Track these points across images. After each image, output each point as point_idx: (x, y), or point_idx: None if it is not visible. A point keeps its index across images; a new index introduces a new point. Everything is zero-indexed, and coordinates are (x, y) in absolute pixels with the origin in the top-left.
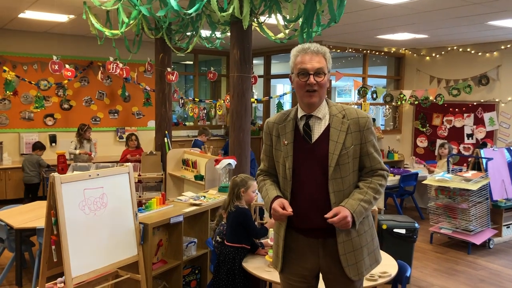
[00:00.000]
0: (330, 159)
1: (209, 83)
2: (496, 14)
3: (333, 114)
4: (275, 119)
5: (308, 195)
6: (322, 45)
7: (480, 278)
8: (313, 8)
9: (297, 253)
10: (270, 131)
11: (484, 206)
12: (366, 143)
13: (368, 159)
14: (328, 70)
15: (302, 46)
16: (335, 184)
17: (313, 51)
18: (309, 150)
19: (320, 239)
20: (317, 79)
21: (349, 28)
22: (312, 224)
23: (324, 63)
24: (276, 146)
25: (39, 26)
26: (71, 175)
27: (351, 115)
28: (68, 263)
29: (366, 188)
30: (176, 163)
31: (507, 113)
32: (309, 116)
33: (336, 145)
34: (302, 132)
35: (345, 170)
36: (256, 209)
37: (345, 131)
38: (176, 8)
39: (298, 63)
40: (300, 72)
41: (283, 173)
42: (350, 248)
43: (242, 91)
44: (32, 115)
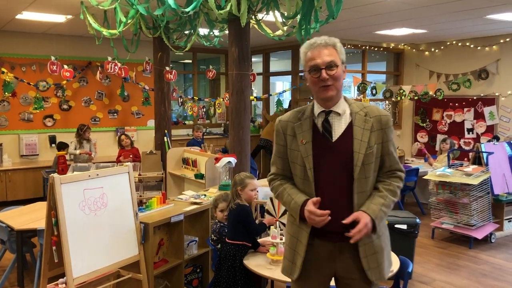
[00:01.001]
0: (356, 159)
1: (208, 81)
2: (495, 8)
3: (355, 112)
4: (288, 118)
5: (329, 196)
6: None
7: (482, 273)
8: (311, 4)
9: (313, 258)
10: (284, 130)
11: (485, 200)
12: (387, 142)
13: (388, 159)
14: (342, 61)
15: (309, 42)
16: (359, 185)
17: (321, 44)
18: (330, 149)
19: (337, 242)
20: (329, 73)
21: (347, 24)
22: (333, 227)
23: (335, 55)
24: (291, 146)
25: (37, 27)
26: (71, 176)
27: (373, 112)
28: (69, 263)
29: (386, 191)
30: (176, 162)
31: (507, 107)
32: (328, 112)
33: (361, 144)
34: (322, 129)
35: (369, 169)
36: (257, 207)
37: (369, 130)
38: (174, 7)
39: (308, 60)
40: (311, 68)
41: (302, 174)
42: (371, 251)
43: (241, 88)
44: (31, 116)
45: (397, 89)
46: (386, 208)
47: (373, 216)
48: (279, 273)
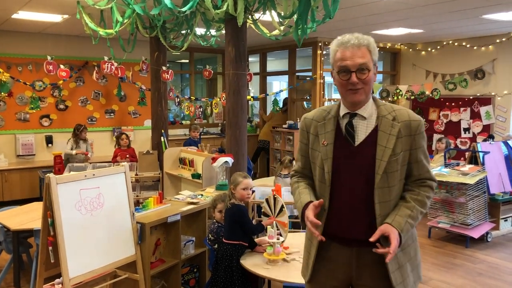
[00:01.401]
0: (377, 166)
1: (205, 81)
2: (491, 8)
3: (382, 115)
4: (313, 116)
5: (348, 203)
6: (364, 35)
7: (478, 272)
8: (307, 4)
9: (329, 262)
10: (308, 128)
11: (482, 199)
12: (417, 149)
13: (417, 167)
14: (374, 63)
15: (342, 39)
16: (381, 194)
17: (355, 44)
18: (352, 153)
19: (354, 248)
20: (360, 77)
21: (344, 24)
22: (350, 234)
23: (368, 57)
24: (313, 146)
25: (33, 27)
26: (67, 176)
27: (402, 117)
28: (66, 264)
29: (413, 202)
30: (173, 162)
31: (503, 106)
32: (353, 115)
33: (384, 151)
34: (344, 132)
35: (393, 178)
36: (254, 206)
37: (395, 135)
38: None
39: (338, 60)
40: (341, 70)
41: (320, 176)
42: (396, 265)
43: (238, 88)
44: (27, 116)
45: (393, 89)
46: (412, 221)
47: (399, 229)
48: (276, 273)
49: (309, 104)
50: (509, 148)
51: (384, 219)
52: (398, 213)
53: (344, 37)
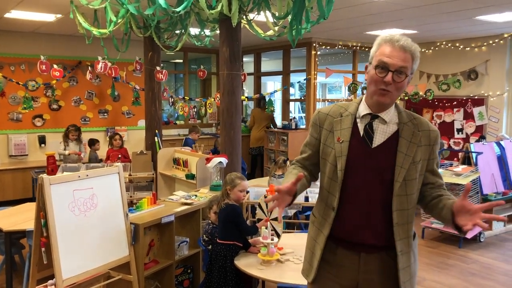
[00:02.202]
0: (397, 173)
1: (199, 81)
2: (484, 9)
3: (404, 122)
4: (329, 111)
5: (360, 205)
6: (412, 43)
7: (471, 272)
8: (302, 4)
9: (334, 266)
10: (321, 123)
11: (475, 200)
12: (433, 159)
13: (432, 176)
14: (412, 72)
15: (392, 36)
16: (400, 202)
17: (403, 45)
18: (368, 156)
19: (362, 253)
20: (396, 79)
21: (338, 24)
22: (361, 240)
23: (409, 63)
24: (326, 142)
25: (26, 26)
26: (60, 176)
27: (423, 126)
28: (59, 265)
29: (452, 196)
30: (167, 162)
31: (496, 107)
32: (375, 116)
33: (405, 158)
34: (363, 132)
35: (411, 186)
36: (248, 207)
37: (416, 143)
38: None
39: (379, 54)
40: (379, 65)
41: (331, 173)
42: (408, 276)
43: (232, 88)
44: (20, 116)
45: None
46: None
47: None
48: (270, 273)
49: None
50: (501, 148)
51: (402, 228)
52: (450, 199)
53: (395, 36)
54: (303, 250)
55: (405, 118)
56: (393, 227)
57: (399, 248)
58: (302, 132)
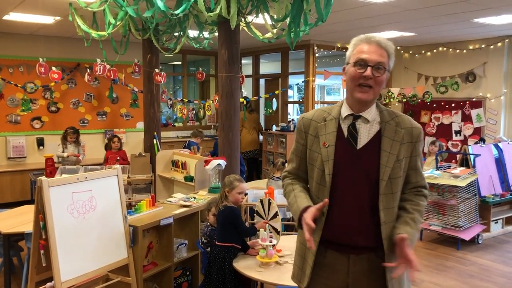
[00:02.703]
0: (382, 172)
1: (197, 83)
2: (482, 12)
3: (385, 121)
4: (312, 116)
5: (348, 208)
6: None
7: (469, 274)
8: (300, 7)
9: (324, 268)
10: (306, 128)
11: (473, 202)
12: (416, 156)
13: (415, 174)
14: (389, 69)
15: (366, 35)
16: (386, 201)
17: (378, 42)
18: (354, 157)
19: (352, 255)
20: (375, 74)
21: (336, 27)
22: (349, 241)
23: (386, 59)
24: (312, 147)
25: (25, 28)
26: (59, 179)
27: (405, 124)
28: (57, 267)
29: (416, 213)
30: (165, 165)
31: (493, 109)
32: (356, 117)
33: (389, 156)
34: (347, 134)
35: (396, 185)
36: (246, 209)
37: (399, 141)
38: (163, 9)
39: (357, 52)
40: (358, 61)
41: (319, 178)
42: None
43: (231, 91)
44: (18, 118)
45: (385, 92)
46: (417, 232)
47: (411, 242)
48: (269, 275)
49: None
50: (499, 150)
51: (388, 226)
52: (408, 225)
53: (369, 34)
54: None
55: (387, 117)
56: (381, 226)
57: (386, 246)
58: None
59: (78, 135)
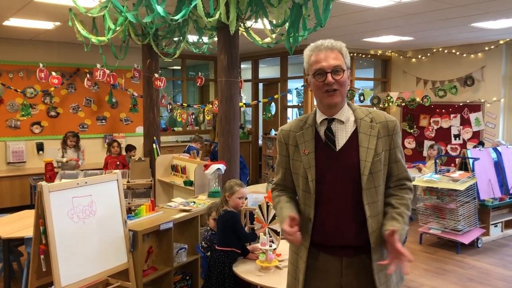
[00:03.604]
0: (362, 167)
1: (197, 87)
2: (479, 16)
3: (360, 118)
4: (290, 127)
5: (336, 209)
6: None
7: (469, 277)
8: (299, 12)
9: (318, 273)
10: (286, 140)
11: (472, 205)
12: (395, 149)
13: (396, 167)
14: (347, 67)
15: (315, 44)
16: (369, 195)
17: (328, 47)
18: (334, 159)
19: (344, 257)
20: (335, 77)
21: (335, 31)
22: (341, 241)
23: (341, 59)
24: (294, 157)
25: (25, 34)
26: (59, 184)
27: (379, 118)
28: (57, 272)
29: (401, 207)
30: (165, 169)
31: (492, 113)
32: (331, 120)
33: (367, 152)
34: (324, 138)
35: (378, 178)
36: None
37: (375, 136)
38: (163, 14)
39: (313, 63)
40: (316, 72)
41: (304, 186)
42: (383, 267)
43: (230, 95)
44: (18, 123)
45: (384, 96)
46: (406, 226)
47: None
48: (269, 280)
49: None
50: (498, 154)
51: (374, 220)
52: (394, 220)
53: (317, 42)
54: None
55: (360, 114)
56: (367, 220)
57: (372, 239)
58: None
59: (78, 139)
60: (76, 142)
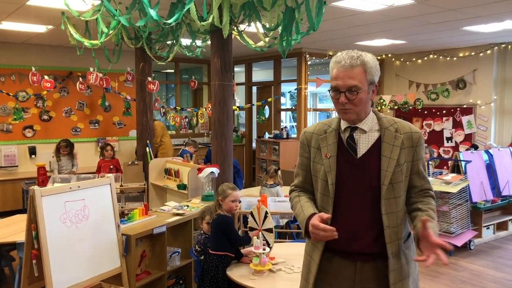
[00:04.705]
0: (383, 177)
1: (190, 91)
2: (470, 20)
3: (385, 127)
4: (314, 129)
5: (353, 215)
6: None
7: (461, 279)
8: (292, 16)
9: (330, 276)
10: (309, 142)
11: (464, 208)
12: (418, 161)
13: (418, 178)
14: (370, 82)
15: (336, 58)
16: (388, 205)
17: (347, 65)
18: (355, 166)
19: (358, 262)
20: (349, 97)
21: (328, 35)
22: (355, 248)
23: (361, 77)
24: (315, 159)
25: (17, 37)
26: (52, 188)
27: (404, 129)
28: (50, 277)
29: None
30: (158, 173)
31: (484, 116)
32: (354, 128)
33: (389, 161)
34: (346, 145)
35: (398, 189)
36: (240, 217)
37: (399, 146)
38: (156, 18)
39: (332, 78)
40: (332, 88)
41: (323, 189)
42: (400, 277)
43: (224, 99)
44: (10, 127)
45: (377, 99)
46: (437, 228)
47: (434, 233)
48: (262, 283)
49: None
50: (490, 156)
51: (392, 230)
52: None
53: (338, 56)
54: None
55: (385, 124)
56: (384, 230)
57: (390, 250)
58: (294, 141)
59: (72, 148)
60: (69, 151)
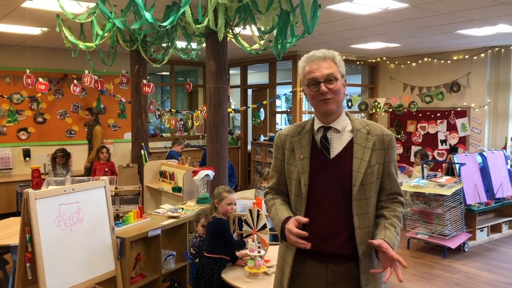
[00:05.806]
0: (354, 178)
1: (185, 93)
2: (464, 24)
3: (357, 129)
4: (288, 131)
5: (325, 216)
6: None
7: (456, 282)
8: (287, 19)
9: (303, 280)
10: (283, 144)
11: (458, 210)
12: (390, 163)
13: (389, 181)
14: (342, 74)
15: (307, 55)
16: (359, 206)
17: (320, 57)
18: (328, 166)
19: (330, 264)
20: (329, 86)
21: (323, 38)
22: (327, 249)
23: (334, 68)
24: (289, 161)
25: (11, 39)
26: (46, 191)
27: (376, 131)
28: (44, 281)
29: (393, 218)
30: (153, 175)
31: (478, 118)
32: (327, 128)
33: (361, 163)
34: (320, 145)
35: (370, 190)
36: (235, 219)
37: (370, 148)
38: (151, 21)
39: (306, 73)
40: (310, 82)
41: (297, 190)
42: (371, 278)
43: (219, 101)
44: (4, 130)
45: (372, 102)
46: (398, 236)
47: (391, 244)
48: (257, 286)
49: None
50: (484, 159)
51: (363, 231)
52: (386, 229)
53: (310, 53)
54: None
55: (358, 125)
56: (355, 231)
57: (360, 251)
58: None
59: (67, 158)
60: (65, 160)
